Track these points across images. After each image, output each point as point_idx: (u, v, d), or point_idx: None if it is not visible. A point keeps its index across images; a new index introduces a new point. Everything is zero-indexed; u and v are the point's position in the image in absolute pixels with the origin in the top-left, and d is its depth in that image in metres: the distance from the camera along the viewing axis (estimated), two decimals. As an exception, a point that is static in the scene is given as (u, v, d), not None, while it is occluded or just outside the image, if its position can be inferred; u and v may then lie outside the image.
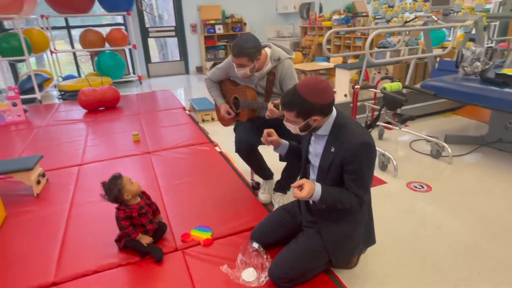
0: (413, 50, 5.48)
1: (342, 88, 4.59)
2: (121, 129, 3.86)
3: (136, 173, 2.75)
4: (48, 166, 2.89)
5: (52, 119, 4.41)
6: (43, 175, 2.59)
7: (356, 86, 2.97)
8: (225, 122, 2.47)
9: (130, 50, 6.93)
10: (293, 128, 1.47)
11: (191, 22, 7.48)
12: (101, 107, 4.72)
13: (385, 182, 2.56)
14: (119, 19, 7.15)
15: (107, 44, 6.38)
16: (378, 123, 3.30)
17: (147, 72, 7.50)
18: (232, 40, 7.69)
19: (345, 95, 4.59)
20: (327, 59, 5.97)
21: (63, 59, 7.17)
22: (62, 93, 5.64)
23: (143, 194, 1.88)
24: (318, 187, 1.40)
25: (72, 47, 6.80)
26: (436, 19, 3.91)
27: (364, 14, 6.37)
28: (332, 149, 1.44)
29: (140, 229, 1.80)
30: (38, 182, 2.47)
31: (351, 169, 1.39)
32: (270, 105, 1.93)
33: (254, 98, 2.24)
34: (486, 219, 2.07)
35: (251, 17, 7.89)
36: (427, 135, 3.10)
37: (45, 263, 1.76)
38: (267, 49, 2.16)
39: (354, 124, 1.45)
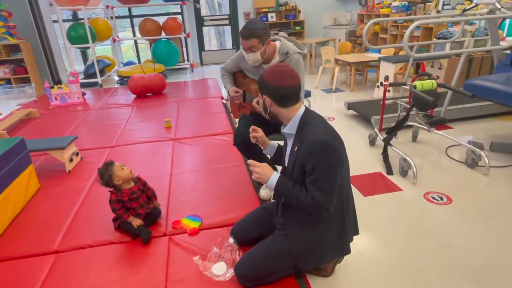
0: (480, 41, 4.84)
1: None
2: (159, 115, 4.12)
3: (155, 158, 2.94)
4: (86, 146, 3.24)
5: (105, 102, 4.87)
6: (76, 153, 2.91)
7: (384, 82, 2.76)
8: (235, 114, 2.50)
9: (185, 38, 7.25)
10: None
11: (245, 11, 7.53)
12: (148, 93, 5.07)
13: (400, 189, 2.37)
14: (178, 8, 7.49)
15: (163, 33, 6.76)
16: (411, 123, 3.04)
17: (200, 60, 7.79)
18: (284, 28, 7.58)
19: (388, 91, 4.26)
20: (380, 50, 5.58)
21: (127, 47, 7.80)
22: (120, 78, 6.17)
23: (138, 180, 2.01)
24: (275, 175, 1.40)
25: (134, 35, 7.35)
26: (499, 7, 3.39)
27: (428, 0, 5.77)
28: (295, 148, 1.40)
29: (132, 212, 1.95)
30: (71, 160, 2.79)
31: (309, 170, 1.34)
32: (254, 100, 1.92)
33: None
34: (505, 246, 1.81)
35: (307, 4, 7.66)
36: (471, 141, 2.76)
37: (55, 232, 2.00)
38: (277, 42, 2.12)
39: (319, 123, 1.38)
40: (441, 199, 2.24)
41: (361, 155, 2.94)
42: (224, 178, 2.55)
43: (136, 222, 1.92)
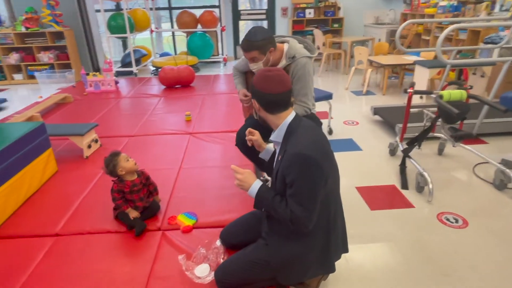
0: (534, 48, 4.37)
1: (418, 87, 4.00)
2: (182, 107, 4.18)
3: (168, 150, 2.98)
4: (107, 133, 3.36)
5: (136, 91, 5.04)
6: (96, 140, 3.03)
7: (409, 89, 2.58)
8: (244, 114, 2.46)
9: (221, 31, 7.29)
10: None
11: (283, 6, 7.41)
12: (177, 84, 5.17)
13: (412, 206, 2.21)
14: (216, 1, 7.54)
15: (199, 26, 6.85)
16: (438, 135, 2.83)
17: (234, 54, 7.81)
18: (321, 25, 7.36)
19: (421, 97, 3.99)
20: (419, 53, 5.23)
21: (169, 38, 7.98)
22: (155, 68, 6.35)
23: (141, 174, 2.05)
24: (257, 184, 1.36)
25: (172, 27, 7.52)
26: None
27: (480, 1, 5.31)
28: (279, 158, 1.34)
29: (131, 204, 1.99)
30: (89, 146, 2.91)
31: (288, 182, 1.28)
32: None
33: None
34: (517, 279, 1.62)
35: (348, 1, 7.37)
36: (505, 159, 2.51)
37: (60, 215, 2.10)
38: (285, 45, 2.05)
39: (304, 133, 1.30)
40: (456, 221, 2.05)
41: (378, 165, 2.78)
42: (230, 177, 2.53)
43: (133, 214, 1.96)
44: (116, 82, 5.11)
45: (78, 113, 4.08)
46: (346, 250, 1.53)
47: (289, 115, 1.37)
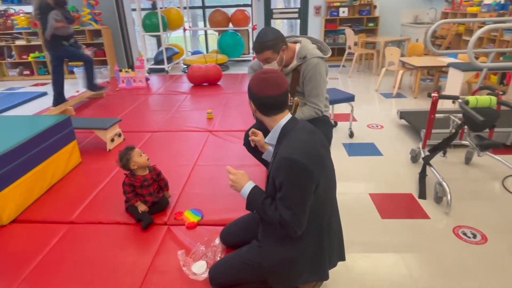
0: None
1: (451, 91, 3.77)
2: (206, 105, 4.25)
3: (185, 147, 3.05)
4: (131, 128, 3.50)
5: (165, 88, 5.19)
6: (119, 135, 3.17)
7: (433, 94, 2.45)
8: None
9: (252, 30, 7.32)
10: None
11: (316, 4, 7.29)
12: (204, 82, 5.26)
13: (427, 217, 2.09)
14: (248, 0, 7.58)
15: (231, 24, 6.92)
16: (466, 143, 2.66)
17: (265, 52, 7.79)
18: (355, 24, 7.16)
19: (454, 102, 3.75)
20: (457, 55, 4.93)
21: (202, 36, 8.15)
22: (186, 66, 6.51)
23: (153, 169, 2.11)
24: (249, 185, 1.36)
25: (205, 25, 7.66)
26: None
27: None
28: (272, 160, 1.33)
29: (140, 198, 2.06)
30: (112, 140, 3.05)
31: (277, 186, 1.26)
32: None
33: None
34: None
35: None
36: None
37: (77, 204, 2.22)
38: (297, 45, 2.02)
39: (296, 137, 1.28)
40: (474, 236, 1.91)
41: (397, 171, 2.65)
42: (242, 176, 2.53)
43: (141, 207, 2.03)
44: (147, 79, 5.29)
45: (108, 107, 4.28)
46: (342, 258, 1.48)
47: (284, 118, 1.34)
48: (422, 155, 2.55)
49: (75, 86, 5.61)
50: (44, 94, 5.07)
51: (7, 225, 2.04)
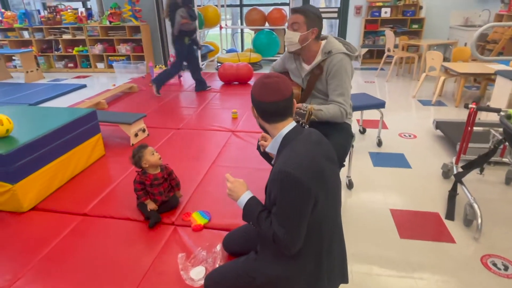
0: None
1: (498, 102, 3.43)
2: (233, 104, 4.23)
3: (206, 146, 3.03)
4: (156, 124, 3.56)
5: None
6: (143, 130, 3.22)
7: (471, 105, 2.23)
8: None
9: (288, 30, 7.20)
10: None
11: (356, 4, 7.01)
12: (235, 81, 5.25)
13: (453, 241, 1.90)
14: (287, -1, 7.46)
15: (267, 23, 6.85)
16: (506, 160, 2.40)
17: (301, 52, 7.64)
18: (398, 26, 6.79)
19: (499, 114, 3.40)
20: (509, 62, 4.48)
21: (246, 35, 8.15)
22: (219, 64, 6.54)
23: (164, 168, 2.11)
24: (246, 195, 1.29)
25: (242, 24, 7.65)
26: None
27: None
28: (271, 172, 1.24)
29: (151, 196, 2.06)
30: (136, 135, 3.11)
31: (272, 199, 1.18)
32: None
33: (296, 98, 2.05)
34: None
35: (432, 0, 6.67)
36: None
37: (92, 197, 2.27)
38: (323, 41, 1.92)
39: (296, 148, 1.18)
40: (506, 268, 1.70)
41: (425, 187, 2.45)
42: (256, 180, 2.46)
43: (150, 206, 2.03)
44: (179, 76, 5.38)
45: (139, 102, 4.40)
46: (345, 281, 1.36)
47: (286, 127, 1.25)
48: (455, 171, 2.33)
49: (112, 80, 5.85)
50: (83, 86, 5.33)
51: (26, 212, 2.13)
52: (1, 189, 2.06)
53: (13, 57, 6.53)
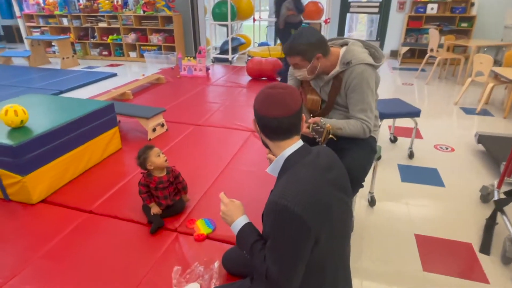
0: None
1: (555, 117, 3.01)
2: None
3: (223, 146, 2.91)
4: (177, 119, 3.49)
5: (224, 79, 5.14)
6: (162, 125, 3.16)
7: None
8: None
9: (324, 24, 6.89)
10: None
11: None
12: (263, 77, 5.08)
13: (486, 281, 1.65)
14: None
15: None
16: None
17: (336, 48, 7.30)
18: (445, 23, 6.26)
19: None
20: None
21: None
22: (250, 58, 6.38)
23: (171, 171, 2.01)
24: (241, 220, 1.15)
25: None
26: None
27: None
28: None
29: (155, 199, 1.97)
30: (154, 130, 3.05)
31: (266, 232, 1.03)
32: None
33: (315, 106, 1.87)
34: None
35: (486, -4, 6.08)
36: None
37: (100, 194, 2.23)
38: (342, 49, 1.71)
39: (298, 174, 1.02)
40: (549, 323, 1.44)
41: (458, 212, 2.18)
42: (271, 187, 2.31)
43: (154, 209, 1.94)
44: (207, 69, 5.30)
45: (164, 94, 4.36)
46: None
47: (291, 146, 1.09)
48: (496, 197, 2.04)
49: (143, 69, 5.89)
50: (114, 75, 5.40)
51: (35, 204, 2.13)
52: (12, 180, 2.06)
53: (53, 43, 6.77)
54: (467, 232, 1.98)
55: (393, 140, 3.15)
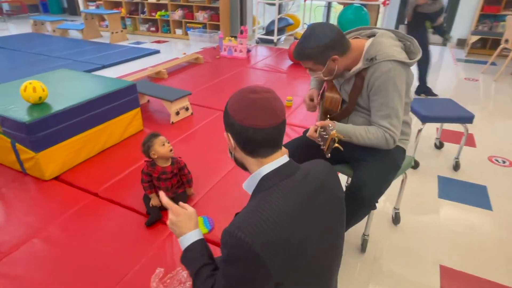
0: None
1: None
2: (294, 89, 3.82)
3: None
4: (204, 103, 3.38)
5: (265, 62, 4.91)
6: (186, 108, 3.07)
7: None
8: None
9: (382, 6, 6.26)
10: None
11: (476, -21, 5.68)
12: (305, 61, 4.76)
13: None
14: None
15: (358, -3, 6.02)
16: None
17: (394, 34, 6.63)
18: (529, 10, 5.32)
19: None
20: None
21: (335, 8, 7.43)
22: (296, 40, 6.04)
23: (176, 163, 1.91)
24: (192, 235, 0.97)
25: (330, -4, 6.90)
26: None
27: None
28: None
29: (156, 190, 1.89)
30: (177, 113, 2.97)
31: (220, 262, 0.85)
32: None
33: (334, 106, 1.61)
34: None
35: None
36: None
37: (109, 177, 2.19)
38: (368, 41, 1.43)
39: (269, 201, 0.81)
40: None
41: (500, 244, 1.80)
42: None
43: (154, 201, 1.87)
44: (248, 50, 5.10)
45: (199, 75, 4.27)
46: None
47: (271, 163, 0.88)
48: (554, 234, 1.65)
49: (186, 47, 5.86)
50: (157, 52, 5.43)
51: (48, 181, 2.17)
52: (27, 155, 2.11)
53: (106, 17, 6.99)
54: (507, 272, 1.63)
55: (439, 146, 2.74)
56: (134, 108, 2.70)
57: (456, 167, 2.45)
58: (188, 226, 0.98)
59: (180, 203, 1.06)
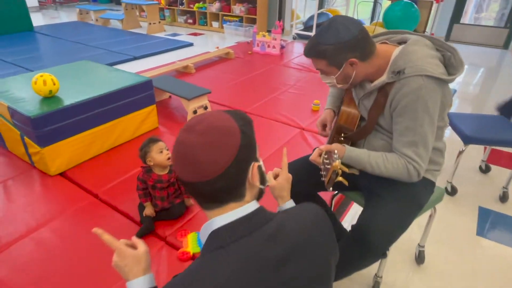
0: None
1: None
2: (320, 92, 3.54)
3: (262, 142, 2.54)
4: (224, 101, 3.22)
5: (296, 60, 4.64)
6: (205, 107, 2.93)
7: None
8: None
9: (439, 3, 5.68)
10: None
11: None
12: (342, 61, 4.42)
13: None
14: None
15: (409, -8, 5.51)
16: None
17: (447, 33, 6.02)
18: None
19: None
20: None
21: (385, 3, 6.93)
22: (336, 37, 5.68)
23: (173, 171, 1.77)
24: (140, 282, 0.79)
25: (378, -10, 6.40)
26: None
27: None
28: None
29: (150, 199, 1.77)
30: (195, 112, 2.84)
31: None
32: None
33: (351, 123, 1.36)
34: None
35: None
36: None
37: (112, 178, 2.10)
38: (397, 49, 1.17)
39: (210, 268, 0.64)
40: None
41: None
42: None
43: (147, 210, 1.74)
44: (282, 47, 4.85)
45: (226, 71, 4.11)
46: None
47: (224, 214, 0.69)
48: None
49: (221, 41, 5.74)
50: (190, 44, 5.36)
51: (52, 177, 2.13)
52: (34, 149, 2.08)
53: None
54: None
55: (484, 169, 2.36)
56: (150, 105, 2.61)
57: (504, 198, 2.07)
58: (134, 271, 0.81)
59: (133, 238, 0.89)
